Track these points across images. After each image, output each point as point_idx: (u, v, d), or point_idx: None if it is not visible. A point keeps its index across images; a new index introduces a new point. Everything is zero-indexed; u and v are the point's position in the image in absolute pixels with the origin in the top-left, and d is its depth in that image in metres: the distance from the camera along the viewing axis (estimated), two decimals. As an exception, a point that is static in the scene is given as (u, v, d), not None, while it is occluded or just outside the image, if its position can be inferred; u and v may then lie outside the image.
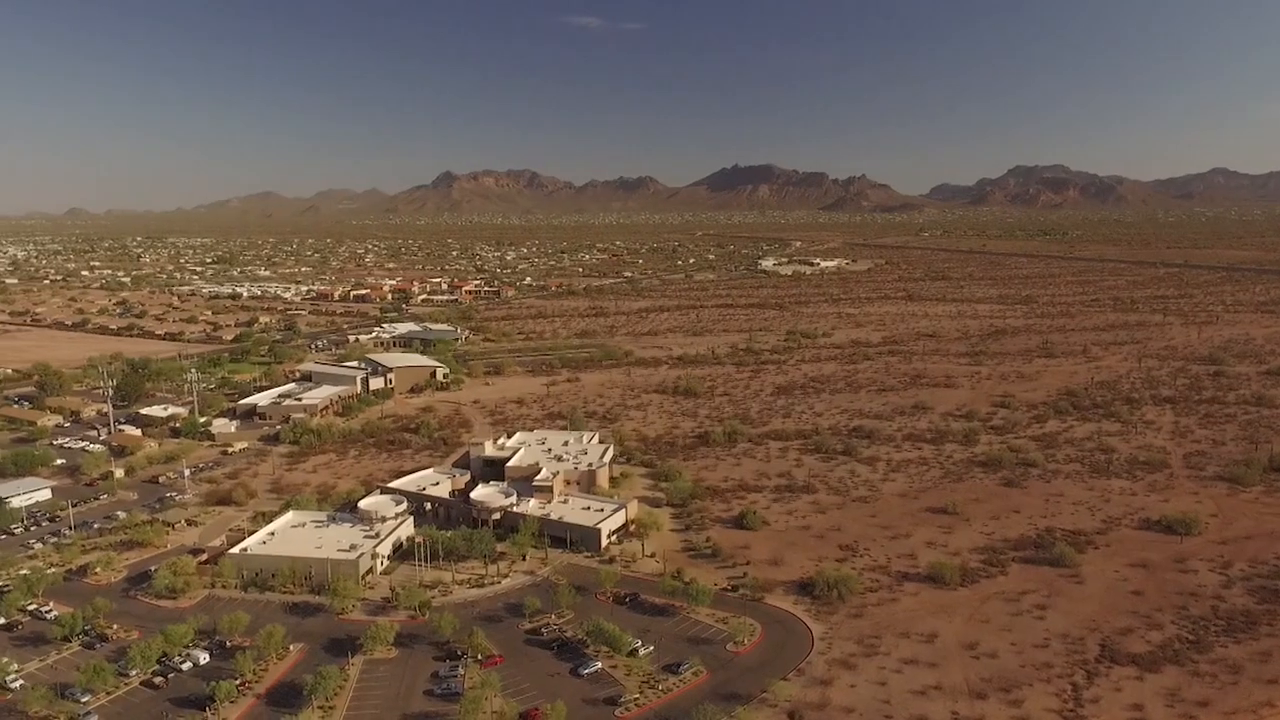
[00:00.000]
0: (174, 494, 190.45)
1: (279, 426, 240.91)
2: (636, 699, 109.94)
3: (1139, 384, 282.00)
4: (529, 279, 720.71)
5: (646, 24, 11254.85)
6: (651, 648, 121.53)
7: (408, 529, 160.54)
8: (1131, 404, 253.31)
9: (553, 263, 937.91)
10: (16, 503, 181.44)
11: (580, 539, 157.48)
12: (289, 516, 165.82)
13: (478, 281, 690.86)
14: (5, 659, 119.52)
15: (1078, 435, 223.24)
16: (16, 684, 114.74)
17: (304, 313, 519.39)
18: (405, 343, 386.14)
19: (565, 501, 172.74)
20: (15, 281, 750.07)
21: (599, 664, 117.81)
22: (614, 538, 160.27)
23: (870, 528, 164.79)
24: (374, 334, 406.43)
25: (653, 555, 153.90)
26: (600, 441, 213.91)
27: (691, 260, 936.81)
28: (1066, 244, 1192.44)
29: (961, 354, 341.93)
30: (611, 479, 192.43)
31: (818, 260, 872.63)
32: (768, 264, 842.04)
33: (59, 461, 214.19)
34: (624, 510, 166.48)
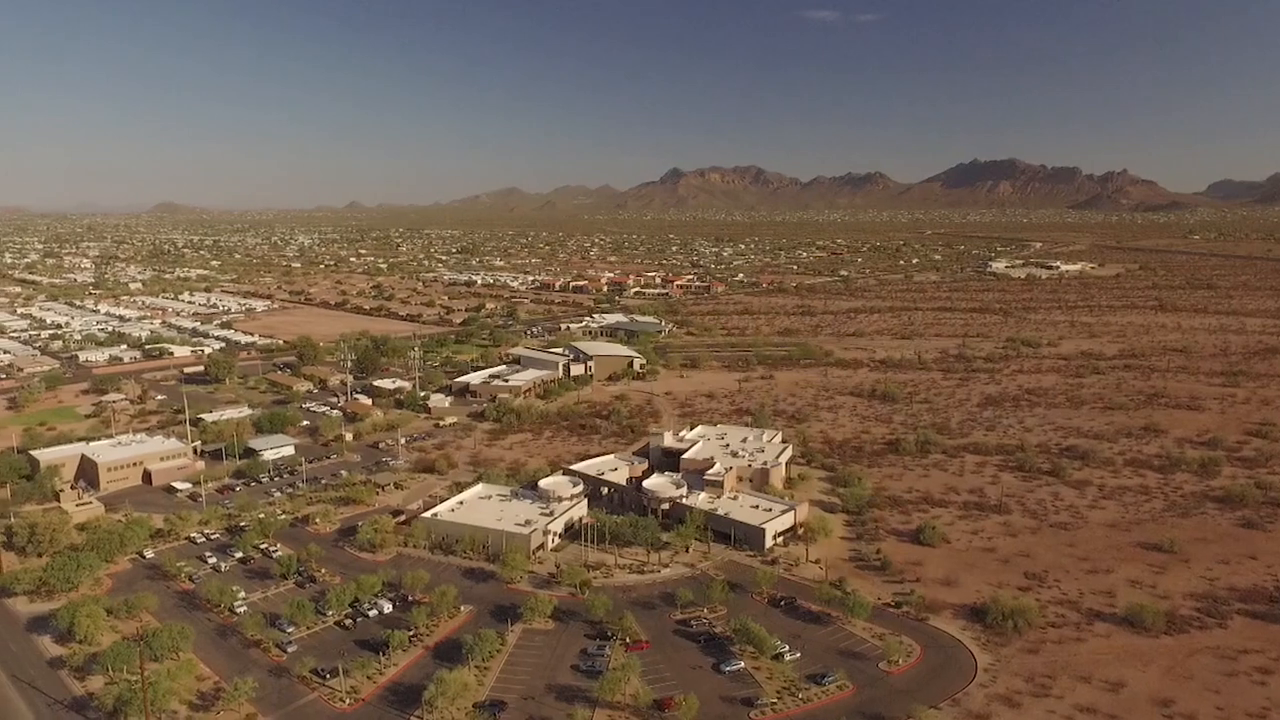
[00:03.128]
0: (389, 459, 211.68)
1: (486, 404, 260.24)
2: (774, 703, 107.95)
3: None
4: (741, 275, 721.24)
5: (884, 14, 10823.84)
6: (798, 654, 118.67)
7: (581, 510, 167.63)
8: None
9: (768, 259, 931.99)
10: (267, 456, 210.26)
11: (744, 536, 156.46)
12: (478, 488, 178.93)
13: (690, 276, 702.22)
14: (236, 587, 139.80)
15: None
16: (241, 609, 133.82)
17: (526, 301, 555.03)
18: (611, 333, 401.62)
19: (735, 498, 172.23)
20: (298, 266, 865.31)
21: (742, 663, 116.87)
22: (780, 539, 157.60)
23: (1065, 557, 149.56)
24: (584, 323, 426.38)
25: (817, 561, 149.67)
26: (782, 441, 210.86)
27: (915, 260, 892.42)
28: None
29: (1215, 373, 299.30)
30: (788, 480, 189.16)
31: (1057, 263, 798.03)
32: (998, 266, 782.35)
33: (304, 423, 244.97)
34: (793, 512, 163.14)
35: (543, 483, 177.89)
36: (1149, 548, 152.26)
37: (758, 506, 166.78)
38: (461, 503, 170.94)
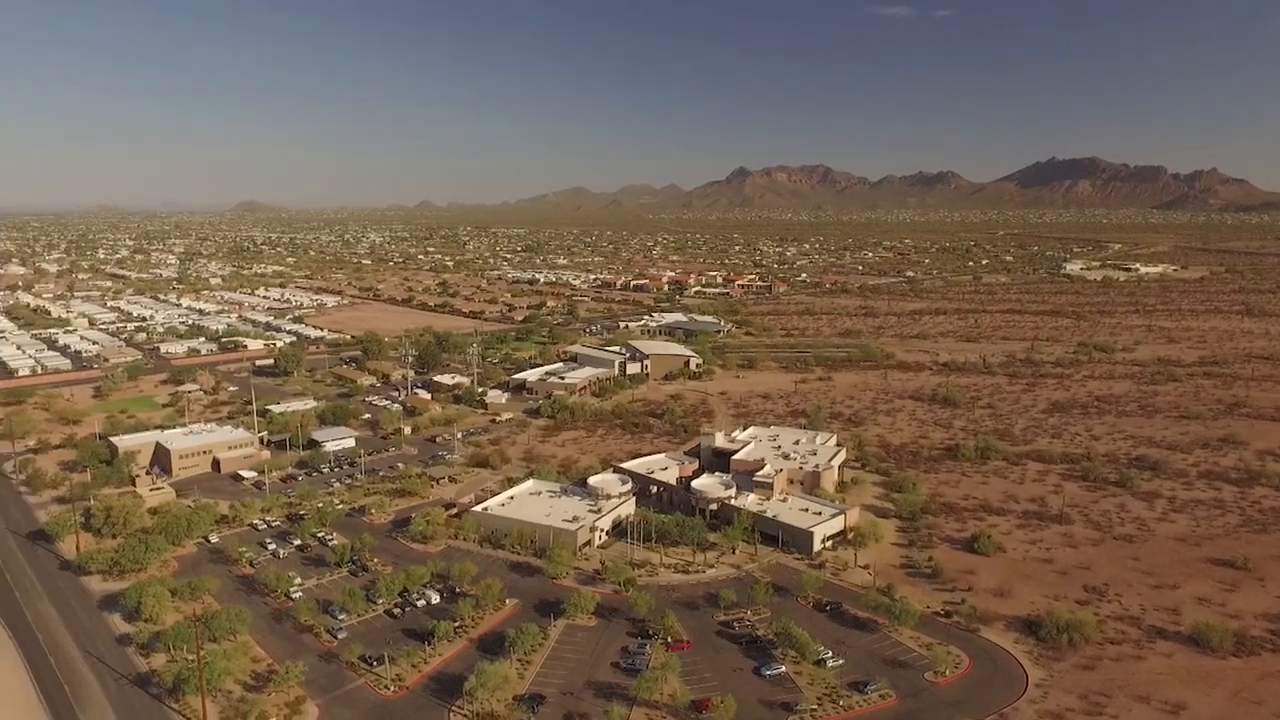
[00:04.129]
0: (444, 453, 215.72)
1: (541, 401, 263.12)
2: (814, 709, 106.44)
3: None
4: (804, 275, 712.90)
5: (960, 9, 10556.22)
6: (841, 661, 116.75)
7: (629, 508, 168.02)
8: None
9: (833, 259, 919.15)
10: (329, 447, 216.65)
11: (792, 540, 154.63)
12: (529, 484, 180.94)
13: (751, 276, 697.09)
14: (293, 573, 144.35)
15: None
16: (297, 595, 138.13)
17: (587, 299, 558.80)
18: (669, 332, 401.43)
19: (784, 500, 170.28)
20: (369, 262, 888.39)
21: (783, 667, 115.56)
22: (828, 543, 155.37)
23: (1128, 571, 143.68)
24: (642, 322, 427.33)
25: (866, 567, 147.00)
26: (836, 444, 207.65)
27: (985, 261, 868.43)
28: None
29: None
30: (840, 483, 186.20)
31: (1136, 265, 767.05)
32: (1073, 268, 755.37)
33: (365, 416, 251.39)
34: (843, 516, 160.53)
35: (592, 480, 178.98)
36: (1220, 564, 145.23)
37: (807, 509, 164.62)
38: (512, 498, 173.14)
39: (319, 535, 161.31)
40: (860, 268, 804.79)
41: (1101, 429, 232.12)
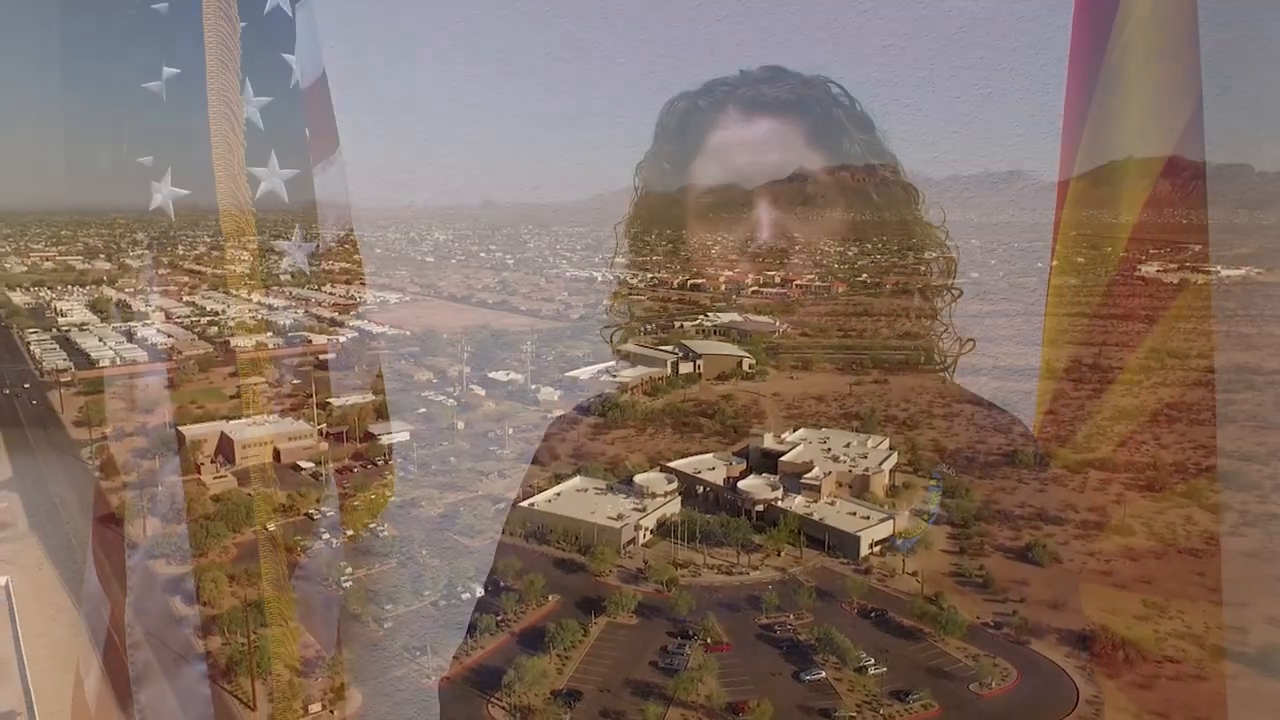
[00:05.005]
0: (495, 448, 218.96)
1: (592, 399, 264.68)
2: (852, 716, 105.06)
3: None
4: (865, 276, 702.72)
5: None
6: (883, 669, 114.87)
7: (674, 507, 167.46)
8: None
9: (895, 260, 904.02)
10: (384, 440, 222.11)
11: (838, 544, 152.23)
12: (575, 481, 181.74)
13: (810, 276, 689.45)
14: (343, 563, 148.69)
15: None
16: (347, 584, 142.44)
17: (644, 298, 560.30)
18: (724, 331, 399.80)
19: (832, 503, 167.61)
20: (431, 260, 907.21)
21: (823, 673, 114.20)
22: (876, 548, 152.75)
23: (1193, 587, 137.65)
24: (696, 321, 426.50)
25: (914, 574, 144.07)
26: (889, 447, 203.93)
27: (1054, 263, 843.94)
28: None
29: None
30: (891, 487, 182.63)
31: (1216, 267, 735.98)
32: (1149, 270, 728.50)
33: (421, 410, 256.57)
34: (892, 521, 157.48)
35: (638, 478, 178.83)
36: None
37: (854, 513, 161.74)
38: (559, 494, 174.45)
39: (371, 526, 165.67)
40: (922, 269, 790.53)
41: (1170, 437, 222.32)
